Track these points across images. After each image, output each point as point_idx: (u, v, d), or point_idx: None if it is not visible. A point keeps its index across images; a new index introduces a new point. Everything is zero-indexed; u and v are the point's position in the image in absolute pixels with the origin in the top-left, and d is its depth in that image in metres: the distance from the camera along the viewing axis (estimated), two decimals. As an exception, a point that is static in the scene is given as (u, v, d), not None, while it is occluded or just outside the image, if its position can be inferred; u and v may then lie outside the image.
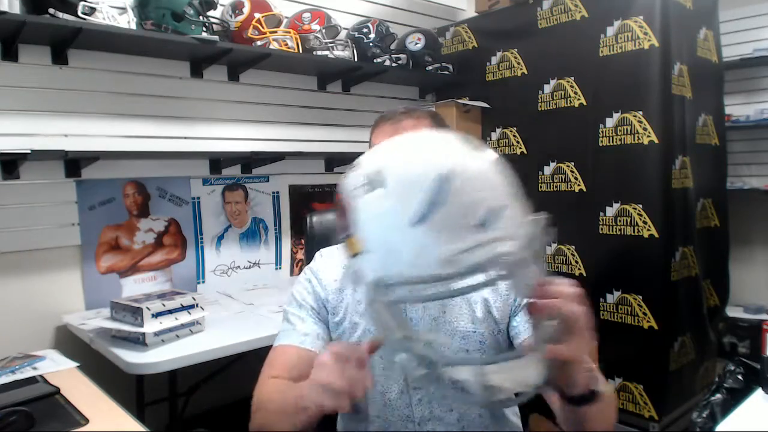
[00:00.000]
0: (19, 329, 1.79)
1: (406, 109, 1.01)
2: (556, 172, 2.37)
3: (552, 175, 2.39)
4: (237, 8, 2.13)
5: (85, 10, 1.70)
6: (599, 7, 2.20)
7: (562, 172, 2.35)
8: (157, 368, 1.43)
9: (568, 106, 2.31)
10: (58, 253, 1.90)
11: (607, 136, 2.18)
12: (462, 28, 2.78)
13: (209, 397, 2.06)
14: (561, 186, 2.35)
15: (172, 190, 2.15)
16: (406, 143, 0.69)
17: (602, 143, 2.19)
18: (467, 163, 0.63)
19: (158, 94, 2.09)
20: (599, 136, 2.20)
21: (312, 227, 1.34)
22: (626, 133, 2.12)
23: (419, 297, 0.69)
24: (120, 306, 1.56)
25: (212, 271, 2.28)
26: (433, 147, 0.67)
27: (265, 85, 2.38)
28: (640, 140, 2.08)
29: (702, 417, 1.90)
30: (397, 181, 0.63)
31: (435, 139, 0.70)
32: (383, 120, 1.02)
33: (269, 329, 1.66)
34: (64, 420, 1.09)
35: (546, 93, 2.39)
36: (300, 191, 2.56)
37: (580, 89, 2.28)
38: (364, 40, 2.45)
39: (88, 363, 1.45)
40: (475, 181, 0.62)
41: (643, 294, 2.11)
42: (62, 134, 1.87)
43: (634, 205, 2.11)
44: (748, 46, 2.84)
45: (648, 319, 2.09)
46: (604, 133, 2.19)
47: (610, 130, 2.17)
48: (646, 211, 2.08)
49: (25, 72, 1.80)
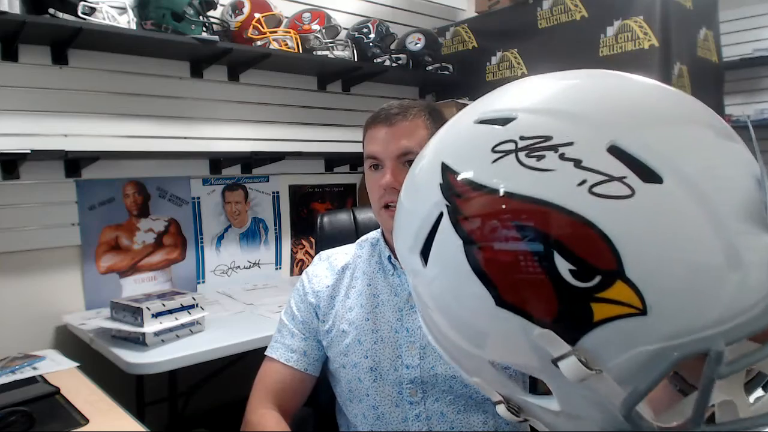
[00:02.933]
0: (19, 329, 1.79)
1: (400, 107, 0.93)
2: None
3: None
4: (237, 8, 2.13)
5: (85, 10, 1.70)
6: (599, 7, 2.20)
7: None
8: (157, 368, 1.43)
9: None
10: (58, 253, 1.90)
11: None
12: (462, 28, 2.78)
13: (209, 397, 2.06)
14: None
15: (172, 190, 2.15)
16: (628, 93, 0.44)
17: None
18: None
19: (158, 94, 2.09)
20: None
21: (323, 228, 1.33)
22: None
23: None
24: (120, 306, 1.56)
25: (212, 271, 2.28)
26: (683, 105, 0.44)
27: (265, 85, 2.38)
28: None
29: (702, 417, 1.90)
30: (685, 164, 0.38)
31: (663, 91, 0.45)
32: (378, 121, 0.94)
33: (269, 329, 1.63)
34: (64, 420, 1.09)
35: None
36: (300, 191, 2.56)
37: (580, 89, 2.27)
38: (364, 40, 2.45)
39: (88, 363, 1.45)
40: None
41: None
42: (62, 134, 1.87)
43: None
44: (748, 46, 2.84)
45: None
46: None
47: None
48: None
49: (25, 72, 1.80)
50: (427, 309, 0.49)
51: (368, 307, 0.97)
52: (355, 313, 0.97)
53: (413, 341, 0.93)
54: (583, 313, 0.38)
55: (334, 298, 1.01)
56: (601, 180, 0.37)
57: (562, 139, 0.39)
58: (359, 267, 1.02)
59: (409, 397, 0.92)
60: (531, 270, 0.38)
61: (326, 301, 1.01)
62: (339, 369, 0.97)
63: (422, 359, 0.91)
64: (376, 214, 0.97)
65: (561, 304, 0.38)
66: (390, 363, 0.93)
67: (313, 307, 1.01)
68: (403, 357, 0.92)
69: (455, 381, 0.90)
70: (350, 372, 0.95)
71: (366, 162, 0.96)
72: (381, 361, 0.93)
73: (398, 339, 0.93)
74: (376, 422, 0.94)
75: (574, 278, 0.37)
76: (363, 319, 0.96)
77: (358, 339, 0.95)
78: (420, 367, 0.91)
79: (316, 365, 1.00)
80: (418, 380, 0.92)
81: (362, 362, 0.94)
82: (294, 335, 1.01)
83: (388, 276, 0.99)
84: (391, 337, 0.94)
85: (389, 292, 0.98)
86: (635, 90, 0.44)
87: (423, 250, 0.46)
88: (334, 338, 0.98)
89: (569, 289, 0.38)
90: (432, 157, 0.48)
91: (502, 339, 0.43)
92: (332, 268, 1.04)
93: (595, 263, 0.37)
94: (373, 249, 1.04)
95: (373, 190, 0.95)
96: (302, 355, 0.99)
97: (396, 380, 0.92)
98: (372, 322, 0.96)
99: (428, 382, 0.91)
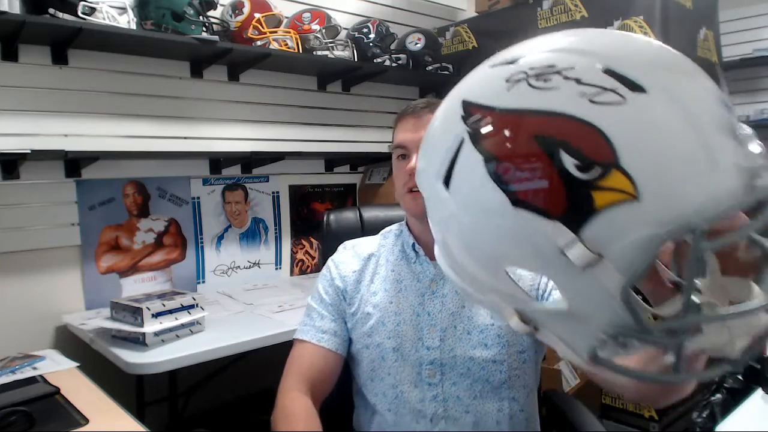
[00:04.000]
0: (19, 329, 1.79)
1: (427, 102, 1.03)
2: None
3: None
4: (237, 8, 2.13)
5: (85, 10, 1.70)
6: (599, 7, 2.20)
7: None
8: (157, 368, 1.43)
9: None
10: (58, 253, 1.90)
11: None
12: (462, 28, 2.78)
13: (209, 397, 2.06)
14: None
15: (172, 190, 2.15)
16: (618, 37, 0.54)
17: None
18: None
19: (158, 94, 2.09)
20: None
21: (329, 225, 1.36)
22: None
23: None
24: (120, 306, 1.56)
25: (212, 271, 2.28)
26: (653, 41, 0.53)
27: (265, 85, 2.38)
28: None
29: (702, 417, 1.90)
30: (663, 81, 0.47)
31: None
32: (406, 114, 1.03)
33: (269, 329, 1.66)
34: (64, 420, 1.09)
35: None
36: (300, 191, 2.56)
37: (580, 89, 2.28)
38: (364, 40, 2.45)
39: (88, 363, 1.45)
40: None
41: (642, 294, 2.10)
42: (62, 134, 1.87)
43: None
44: (748, 46, 2.84)
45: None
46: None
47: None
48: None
49: (25, 72, 1.80)
50: (447, 235, 0.57)
51: (392, 291, 1.03)
52: (380, 297, 1.03)
53: (434, 324, 0.98)
54: (586, 202, 0.45)
55: (360, 283, 1.07)
56: (597, 92, 0.46)
57: (564, 65, 0.48)
58: (383, 255, 1.09)
59: (428, 378, 0.97)
60: (543, 169, 0.46)
61: (352, 285, 1.07)
62: (362, 350, 1.03)
63: (442, 341, 0.97)
64: (401, 199, 1.03)
65: (568, 195, 0.46)
66: (411, 344, 0.99)
67: (341, 291, 1.07)
68: (424, 339, 0.98)
69: (473, 363, 0.96)
70: (374, 352, 1.01)
71: (394, 153, 1.04)
72: (403, 342, 0.99)
73: (420, 322, 0.99)
74: (394, 401, 1.00)
75: (579, 171, 0.45)
76: (387, 302, 1.03)
77: (381, 321, 1.01)
78: (440, 348, 0.97)
79: (344, 346, 1.05)
80: (437, 362, 0.97)
81: (385, 342, 1.00)
82: (323, 317, 1.06)
83: (411, 263, 1.05)
84: (413, 319, 1.00)
85: (412, 278, 1.04)
86: (622, 35, 0.54)
87: (446, 177, 0.54)
88: (359, 320, 1.04)
89: (574, 182, 0.45)
90: (453, 98, 0.56)
91: (517, 239, 0.50)
92: (358, 255, 1.10)
93: (595, 157, 0.45)
94: (397, 239, 1.10)
95: (399, 177, 1.02)
96: (332, 335, 1.04)
97: (416, 360, 0.98)
98: (395, 305, 1.02)
99: (447, 364, 0.97)
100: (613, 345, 0.51)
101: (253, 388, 2.18)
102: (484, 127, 0.50)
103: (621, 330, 0.49)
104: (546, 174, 0.46)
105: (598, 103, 0.46)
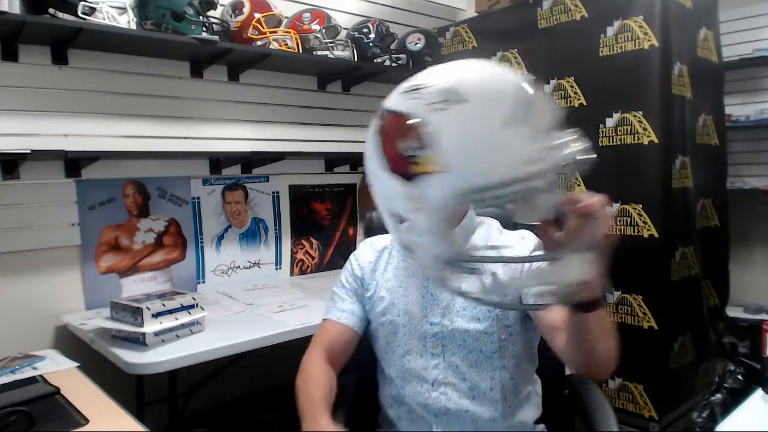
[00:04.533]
0: (19, 329, 1.79)
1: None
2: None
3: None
4: (237, 8, 2.14)
5: (85, 10, 1.70)
6: (599, 7, 2.19)
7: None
8: (157, 368, 1.43)
9: (568, 106, 2.31)
10: (58, 253, 1.90)
11: (607, 136, 2.18)
12: (462, 28, 2.78)
13: (209, 397, 2.06)
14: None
15: (172, 190, 2.15)
16: (466, 66, 0.81)
17: (602, 143, 2.19)
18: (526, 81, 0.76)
19: (158, 94, 2.09)
20: (599, 136, 2.20)
21: (371, 221, 1.48)
22: (626, 133, 2.12)
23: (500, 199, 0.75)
24: (120, 306, 1.56)
25: (212, 271, 2.28)
26: (493, 67, 0.80)
27: (265, 85, 2.38)
28: (640, 140, 2.08)
29: (702, 417, 1.91)
30: (479, 94, 0.73)
31: (485, 64, 0.82)
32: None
33: (269, 329, 1.66)
34: (64, 420, 1.09)
35: (546, 93, 2.39)
36: (300, 191, 2.56)
37: (579, 89, 2.28)
38: (364, 40, 2.45)
39: (88, 363, 1.45)
40: (540, 93, 0.75)
41: (643, 294, 2.11)
42: (62, 134, 1.87)
43: (634, 205, 2.10)
44: (748, 46, 2.85)
45: (648, 319, 2.09)
46: (604, 133, 2.19)
47: (610, 130, 2.17)
48: (646, 211, 2.08)
49: (25, 72, 1.80)
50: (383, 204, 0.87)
51: (402, 277, 1.21)
52: (391, 283, 1.22)
53: (436, 303, 1.16)
54: (410, 171, 0.76)
55: (375, 271, 1.25)
56: (437, 101, 0.74)
57: (428, 84, 0.78)
58: (395, 248, 1.25)
59: (432, 349, 1.14)
60: (398, 148, 0.78)
61: (369, 273, 1.25)
62: (378, 327, 1.22)
63: (443, 317, 1.14)
64: None
65: (405, 168, 0.76)
66: (418, 320, 1.16)
67: (360, 278, 1.26)
68: (428, 316, 1.15)
69: (468, 335, 1.12)
70: (387, 328, 1.20)
71: None
72: (411, 319, 1.17)
73: (425, 302, 1.17)
74: (401, 369, 1.17)
75: (410, 152, 0.76)
76: (397, 286, 1.21)
77: (392, 302, 1.19)
78: (441, 324, 1.14)
79: (361, 324, 1.24)
80: (439, 335, 1.14)
81: (396, 320, 1.18)
82: (345, 300, 1.25)
83: None
84: (419, 300, 1.17)
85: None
86: (472, 66, 0.81)
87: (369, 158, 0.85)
88: (375, 302, 1.22)
89: (407, 157, 0.76)
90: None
91: (394, 194, 0.80)
92: (374, 249, 1.29)
93: (420, 143, 0.74)
94: None
95: None
96: (351, 314, 1.23)
97: (422, 334, 1.15)
98: (404, 289, 1.20)
99: (447, 337, 1.13)
100: (449, 269, 0.79)
101: (253, 388, 2.18)
102: (382, 118, 0.83)
103: (445, 258, 0.78)
104: (400, 151, 0.77)
105: (435, 109, 0.73)
